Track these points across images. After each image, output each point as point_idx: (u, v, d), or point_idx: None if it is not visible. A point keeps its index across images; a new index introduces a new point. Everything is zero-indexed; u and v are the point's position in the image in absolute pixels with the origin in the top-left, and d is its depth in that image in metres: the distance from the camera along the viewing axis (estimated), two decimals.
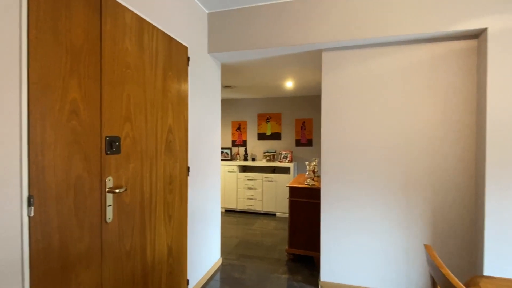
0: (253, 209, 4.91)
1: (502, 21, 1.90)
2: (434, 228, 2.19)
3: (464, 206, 2.13)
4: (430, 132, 2.19)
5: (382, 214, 2.29)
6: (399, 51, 2.25)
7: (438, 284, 0.76)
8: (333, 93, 2.41)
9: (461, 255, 2.13)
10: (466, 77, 2.12)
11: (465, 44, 2.12)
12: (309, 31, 2.29)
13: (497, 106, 1.92)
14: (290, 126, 5.32)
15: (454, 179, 2.15)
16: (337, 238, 2.40)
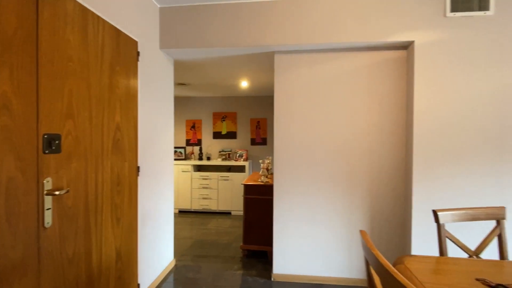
0: (208, 208, 4.88)
1: (426, 35, 2.20)
2: (371, 217, 2.44)
3: (397, 197, 2.42)
4: (368, 132, 2.44)
5: (328, 207, 2.48)
6: (343, 57, 2.46)
7: (370, 264, 0.87)
8: (285, 95, 2.53)
9: (394, 239, 2.42)
10: (397, 83, 2.41)
11: (397, 54, 2.40)
12: (263, 33, 2.37)
13: (422, 108, 2.22)
14: (245, 125, 5.40)
15: (388, 173, 2.42)
16: (288, 232, 2.53)
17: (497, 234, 1.40)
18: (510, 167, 2.14)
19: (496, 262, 1.22)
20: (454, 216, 1.37)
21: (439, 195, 2.20)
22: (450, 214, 1.37)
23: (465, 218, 1.40)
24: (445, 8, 2.18)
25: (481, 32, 2.16)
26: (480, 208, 1.40)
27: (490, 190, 2.16)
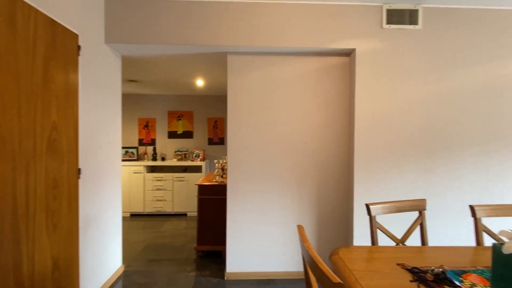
0: (163, 210, 4.72)
1: (366, 44, 2.40)
2: (318, 212, 2.60)
3: (341, 192, 2.60)
4: (316, 132, 2.59)
5: (279, 203, 2.58)
6: (294, 61, 2.57)
7: (303, 256, 0.94)
8: (238, 95, 2.56)
9: (338, 232, 2.60)
10: (341, 87, 2.59)
11: (341, 60, 2.58)
12: (216, 33, 2.37)
13: (362, 110, 2.41)
14: (202, 125, 5.33)
15: (333, 171, 2.60)
16: (242, 230, 2.57)
17: (419, 223, 1.59)
18: (435, 164, 2.44)
19: (417, 248, 1.39)
20: (383, 209, 1.53)
21: (376, 190, 2.42)
22: (380, 207, 1.52)
23: (393, 210, 1.57)
24: (382, 20, 2.40)
25: (411, 43, 2.42)
26: (405, 201, 1.58)
27: (419, 184, 2.44)
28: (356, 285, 1.01)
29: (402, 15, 2.40)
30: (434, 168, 2.45)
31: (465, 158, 2.46)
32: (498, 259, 0.95)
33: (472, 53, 2.45)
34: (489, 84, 2.46)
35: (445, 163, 2.45)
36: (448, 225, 2.43)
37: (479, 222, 1.49)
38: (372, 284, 1.03)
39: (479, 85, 2.45)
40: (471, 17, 2.43)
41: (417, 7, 2.39)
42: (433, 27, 2.42)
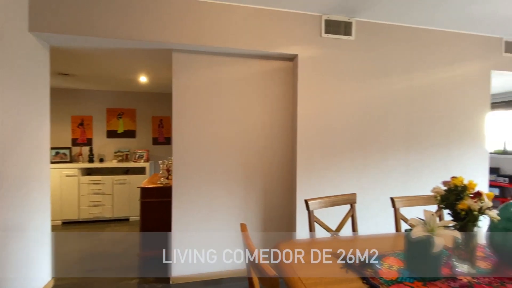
0: (101, 216, 4.35)
1: (307, 50, 2.57)
2: (265, 209, 2.69)
3: (285, 189, 2.74)
4: (262, 133, 2.67)
5: (227, 203, 2.60)
6: (241, 62, 2.61)
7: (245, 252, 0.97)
8: (184, 94, 2.51)
9: (283, 227, 2.73)
10: (286, 89, 2.72)
11: (285, 65, 2.71)
12: (159, 29, 2.28)
13: (304, 112, 2.57)
14: (146, 124, 5.06)
15: (278, 169, 2.72)
16: (188, 232, 2.52)
17: (351, 215, 1.77)
18: (366, 162, 2.73)
19: (349, 237, 1.55)
20: (320, 203, 1.67)
21: (316, 186, 2.60)
22: (317, 202, 1.65)
23: (328, 204, 1.72)
24: (321, 30, 2.59)
25: (346, 52, 2.66)
26: (339, 196, 1.74)
27: (353, 180, 2.70)
28: (294, 276, 1.08)
29: (338, 26, 2.62)
30: (366, 165, 2.73)
31: (390, 156, 2.80)
32: (409, 242, 1.12)
33: (396, 64, 2.79)
34: (409, 91, 2.83)
35: (374, 160, 2.75)
36: (377, 215, 2.74)
37: (398, 211, 1.72)
38: (309, 273, 1.12)
39: (402, 92, 2.81)
40: (396, 33, 2.78)
41: (350, 19, 2.63)
42: (364, 39, 2.70)
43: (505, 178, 4.71)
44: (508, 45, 3.14)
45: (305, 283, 1.02)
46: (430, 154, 2.91)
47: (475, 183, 1.13)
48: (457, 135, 2.99)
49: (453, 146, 2.98)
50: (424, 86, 2.88)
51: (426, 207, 2.16)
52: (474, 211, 1.09)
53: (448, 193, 1.15)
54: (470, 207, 1.09)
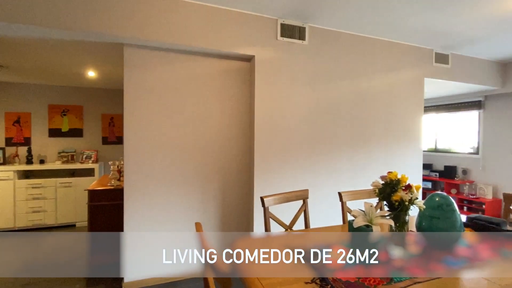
0: (43, 223, 3.95)
1: (263, 52, 2.64)
2: (223, 208, 2.71)
3: (243, 188, 2.78)
4: (220, 133, 2.68)
5: (184, 204, 2.56)
6: (199, 61, 2.59)
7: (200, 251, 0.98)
8: (137, 91, 2.40)
9: (242, 226, 2.77)
10: (244, 89, 2.76)
11: (243, 65, 2.75)
12: (110, 20, 2.15)
13: (261, 113, 2.64)
14: (95, 122, 4.71)
15: (237, 169, 2.75)
16: (142, 235, 2.42)
17: (303, 210, 1.88)
18: (318, 160, 2.90)
19: (302, 232, 1.64)
20: (275, 200, 1.74)
21: (273, 184, 2.69)
22: (272, 198, 1.72)
23: (283, 200, 1.80)
24: (277, 33, 2.68)
25: (301, 56, 2.80)
26: (292, 192, 1.84)
27: (306, 177, 2.85)
28: (251, 275, 1.12)
29: (293, 30, 2.74)
30: (318, 162, 2.90)
31: (339, 154, 3.01)
32: (352, 231, 1.23)
33: (344, 68, 3.01)
34: (355, 94, 3.08)
35: (325, 158, 2.94)
36: (328, 208, 2.93)
37: (345, 205, 1.87)
38: (265, 268, 1.17)
39: (348, 95, 3.04)
40: (344, 40, 2.99)
41: (304, 25, 2.77)
42: (317, 44, 2.86)
43: (436, 173, 5.36)
44: (438, 56, 3.59)
45: (263, 282, 1.05)
46: (373, 152, 3.20)
47: (406, 177, 1.29)
48: (396, 135, 3.33)
49: (392, 145, 3.31)
50: (368, 90, 3.15)
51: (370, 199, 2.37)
52: (405, 202, 1.24)
53: (384, 186, 1.29)
54: (402, 198, 1.24)
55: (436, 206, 1.38)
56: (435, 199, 1.41)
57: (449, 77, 3.69)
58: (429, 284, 1.03)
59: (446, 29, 2.92)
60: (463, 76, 3.82)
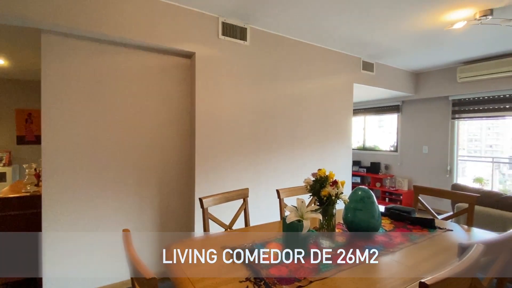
0: None
1: (205, 50, 2.59)
2: (162, 211, 2.58)
3: (184, 189, 2.69)
4: (158, 131, 2.54)
5: (115, 209, 2.36)
6: (135, 54, 2.41)
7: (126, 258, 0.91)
8: (58, 84, 2.12)
9: (183, 228, 2.68)
10: (185, 87, 2.67)
11: (183, 61, 2.66)
12: (21, 1, 1.85)
13: (202, 111, 2.59)
14: (7, 118, 4.03)
15: (176, 169, 2.65)
16: (65, 247, 2.16)
17: (243, 208, 1.90)
18: (260, 158, 2.97)
19: (241, 230, 1.65)
20: (214, 200, 1.72)
21: (214, 183, 2.66)
22: (211, 199, 1.70)
23: (223, 200, 1.79)
24: (218, 31, 2.65)
25: (243, 56, 2.82)
26: (233, 191, 1.84)
27: (248, 175, 2.89)
28: (182, 276, 1.08)
29: (235, 30, 2.75)
30: (259, 161, 2.97)
31: (280, 153, 3.13)
32: (286, 226, 1.29)
33: (284, 71, 3.14)
34: (294, 96, 3.24)
35: (268, 157, 3.03)
36: (269, 205, 3.02)
37: (282, 201, 1.95)
38: (198, 270, 1.14)
39: (288, 97, 3.18)
40: (284, 44, 3.12)
41: (245, 26, 2.80)
42: (258, 46, 2.93)
43: (364, 169, 5.98)
44: (365, 64, 4.00)
45: (196, 285, 1.02)
46: (310, 150, 3.41)
47: (333, 173, 1.40)
48: (330, 135, 3.61)
49: (327, 144, 3.58)
50: (305, 93, 3.35)
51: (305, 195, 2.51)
52: (332, 196, 1.35)
53: (315, 183, 1.38)
54: (330, 193, 1.35)
55: (359, 199, 1.53)
56: (358, 193, 1.57)
57: (374, 84, 4.15)
58: (352, 270, 1.14)
59: (372, 40, 3.27)
60: (385, 83, 4.34)
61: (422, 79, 4.89)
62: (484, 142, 5.24)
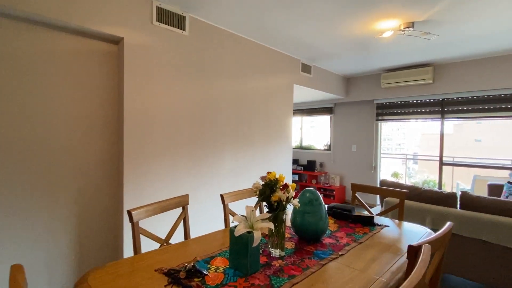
0: None
1: (135, 36, 2.25)
2: (81, 227, 2.15)
3: (109, 197, 2.30)
4: (74, 129, 2.11)
5: (10, 230, 1.86)
6: (45, 34, 1.93)
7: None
8: None
9: (108, 246, 2.28)
10: (109, 76, 2.28)
11: (109, 47, 2.26)
12: None
13: (132, 106, 2.24)
14: None
15: (99, 174, 2.24)
16: None
17: (183, 218, 1.67)
18: (201, 160, 2.74)
19: (178, 245, 1.43)
20: (148, 212, 1.46)
21: (148, 191, 2.35)
22: (143, 210, 1.44)
23: (158, 210, 1.54)
24: (152, 16, 2.34)
25: (181, 47, 2.56)
26: (170, 200, 1.60)
27: (188, 179, 2.64)
28: None
29: (172, 17, 2.47)
30: (200, 163, 2.75)
31: (223, 153, 2.96)
32: (233, 239, 1.13)
33: (227, 67, 2.97)
34: (237, 94, 3.10)
35: (210, 158, 2.82)
36: (211, 211, 2.83)
37: (227, 207, 1.79)
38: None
39: (231, 94, 3.03)
40: (227, 38, 2.95)
41: (184, 14, 2.55)
42: (199, 37, 2.69)
43: (301, 167, 6.22)
44: (304, 66, 4.11)
45: None
46: (253, 150, 3.33)
47: (284, 176, 1.31)
48: (272, 134, 3.59)
49: (269, 143, 3.55)
50: (248, 91, 3.25)
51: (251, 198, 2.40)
52: (283, 201, 1.24)
53: (264, 187, 1.26)
54: (280, 198, 1.24)
55: (308, 201, 1.48)
56: (306, 195, 1.51)
57: (311, 85, 4.31)
58: (305, 282, 1.05)
59: (312, 43, 3.35)
60: (321, 85, 4.55)
61: (352, 83, 5.31)
62: (395, 141, 5.98)
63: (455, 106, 4.33)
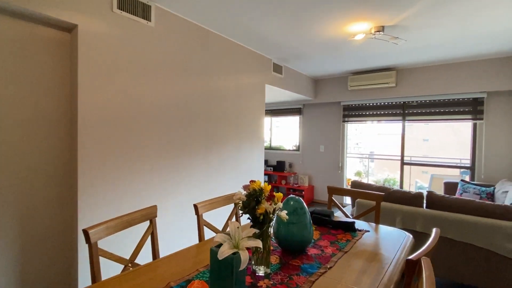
0: None
1: (92, 24, 1.96)
2: (24, 246, 1.81)
3: (60, 209, 1.98)
4: (19, 129, 1.77)
5: None
6: None
7: None
8: None
9: (58, 270, 1.97)
10: (60, 68, 1.96)
11: (60, 35, 1.95)
12: None
13: (88, 103, 1.96)
14: None
15: (47, 182, 1.92)
16: None
17: (150, 232, 1.47)
18: (168, 165, 2.51)
19: (148, 266, 1.23)
20: (108, 229, 1.24)
21: (110, 203, 2.07)
22: (103, 228, 1.21)
23: (122, 226, 1.32)
24: (112, 2, 2.07)
25: (146, 39, 2.31)
26: (135, 212, 1.39)
27: (154, 187, 2.40)
28: None
29: (135, 5, 2.21)
30: (168, 168, 2.52)
31: (194, 156, 2.75)
32: (215, 261, 0.98)
33: (196, 63, 2.77)
34: (207, 92, 2.91)
35: (177, 162, 2.60)
36: (181, 220, 2.61)
37: (201, 218, 1.62)
38: None
39: (201, 92, 2.83)
40: (196, 33, 2.74)
41: (150, 3, 2.30)
42: (166, 30, 2.46)
43: (271, 167, 6.18)
44: (275, 66, 4.04)
45: None
46: (225, 151, 3.17)
47: (269, 186, 1.18)
48: (244, 134, 3.46)
49: (241, 144, 3.41)
50: (220, 89, 3.08)
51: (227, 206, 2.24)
52: (270, 214, 1.12)
53: (249, 199, 1.13)
54: (267, 210, 1.12)
55: (292, 210, 1.37)
56: (290, 203, 1.41)
57: (282, 86, 4.25)
58: None
59: (284, 43, 3.28)
60: (292, 86, 4.52)
61: (321, 85, 5.38)
62: (353, 140, 6.22)
63: (415, 109, 4.59)
